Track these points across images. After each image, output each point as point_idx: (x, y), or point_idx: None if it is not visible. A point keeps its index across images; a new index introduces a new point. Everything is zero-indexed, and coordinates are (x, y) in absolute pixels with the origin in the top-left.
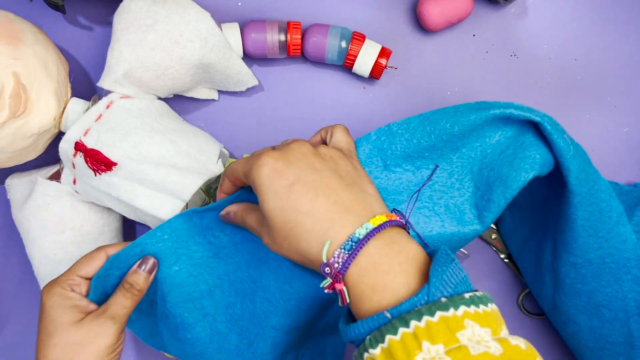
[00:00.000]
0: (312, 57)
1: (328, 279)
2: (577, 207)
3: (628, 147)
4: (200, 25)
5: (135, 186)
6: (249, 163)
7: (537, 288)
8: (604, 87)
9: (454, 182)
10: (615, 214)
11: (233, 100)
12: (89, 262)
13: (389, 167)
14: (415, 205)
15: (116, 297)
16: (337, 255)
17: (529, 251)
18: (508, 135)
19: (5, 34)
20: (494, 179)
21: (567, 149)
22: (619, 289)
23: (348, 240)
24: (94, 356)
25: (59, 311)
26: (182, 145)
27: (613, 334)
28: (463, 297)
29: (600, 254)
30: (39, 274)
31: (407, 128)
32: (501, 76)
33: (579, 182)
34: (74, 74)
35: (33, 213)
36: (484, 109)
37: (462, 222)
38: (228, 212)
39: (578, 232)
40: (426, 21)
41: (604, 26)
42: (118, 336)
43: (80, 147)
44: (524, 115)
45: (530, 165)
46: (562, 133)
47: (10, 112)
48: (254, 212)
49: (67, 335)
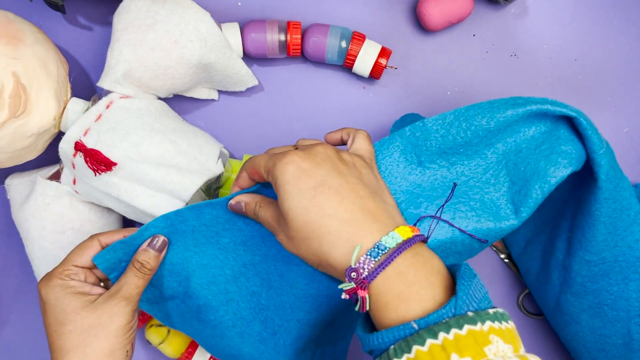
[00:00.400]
0: (312, 57)
1: (349, 283)
2: (603, 204)
3: (628, 147)
4: (200, 25)
5: (135, 186)
6: (273, 159)
7: (539, 288)
8: (604, 87)
9: (489, 177)
10: (634, 212)
11: (233, 100)
12: (83, 251)
13: (423, 164)
14: (451, 201)
15: (127, 276)
16: (362, 261)
17: (534, 251)
18: (542, 130)
19: (5, 34)
20: (531, 173)
21: (600, 145)
22: (625, 288)
23: (374, 247)
24: (112, 337)
25: (66, 300)
26: (182, 145)
27: (613, 335)
28: (488, 313)
29: (614, 252)
30: (38, 274)
31: (442, 124)
32: (501, 76)
33: (608, 179)
34: (73, 74)
35: (33, 213)
36: (519, 104)
37: (498, 217)
38: (238, 202)
39: (599, 229)
40: (426, 21)
41: (604, 26)
42: (132, 315)
43: (80, 147)
44: (560, 110)
45: (568, 160)
46: (596, 129)
47: (10, 112)
48: (270, 207)
49: (81, 320)
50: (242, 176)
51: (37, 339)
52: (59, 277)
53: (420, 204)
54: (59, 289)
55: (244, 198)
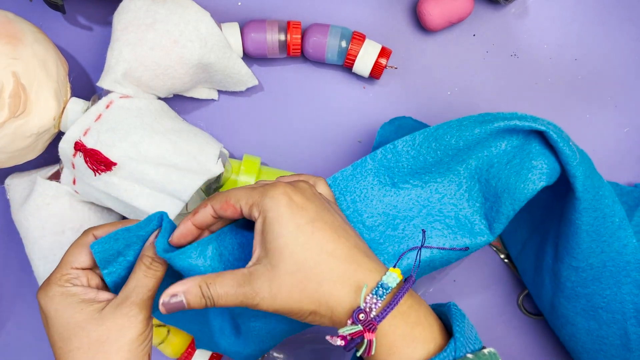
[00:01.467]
0: (312, 57)
1: (353, 326)
2: (582, 214)
3: (628, 147)
4: (200, 24)
5: (135, 186)
6: (259, 191)
7: (536, 290)
8: (604, 87)
9: (463, 192)
10: (618, 218)
11: (233, 100)
12: (79, 249)
13: (397, 185)
14: (427, 220)
15: (136, 278)
16: (369, 301)
17: (528, 253)
18: (514, 144)
19: (5, 34)
20: (502, 190)
21: (573, 157)
22: (618, 291)
23: (378, 286)
24: (124, 352)
25: (69, 312)
26: (181, 145)
27: (610, 336)
28: (484, 354)
29: (602, 258)
30: (38, 274)
31: (412, 145)
32: (501, 76)
33: (585, 189)
34: (73, 73)
35: (32, 213)
36: (488, 121)
37: (473, 233)
38: (175, 295)
39: (582, 237)
40: (426, 21)
41: (604, 26)
42: (146, 324)
43: (80, 147)
44: (528, 125)
45: (538, 177)
46: (567, 141)
47: (9, 112)
48: (226, 276)
49: (87, 335)
50: (204, 211)
51: (37, 339)
52: (58, 284)
53: (398, 225)
54: (60, 299)
55: (180, 287)
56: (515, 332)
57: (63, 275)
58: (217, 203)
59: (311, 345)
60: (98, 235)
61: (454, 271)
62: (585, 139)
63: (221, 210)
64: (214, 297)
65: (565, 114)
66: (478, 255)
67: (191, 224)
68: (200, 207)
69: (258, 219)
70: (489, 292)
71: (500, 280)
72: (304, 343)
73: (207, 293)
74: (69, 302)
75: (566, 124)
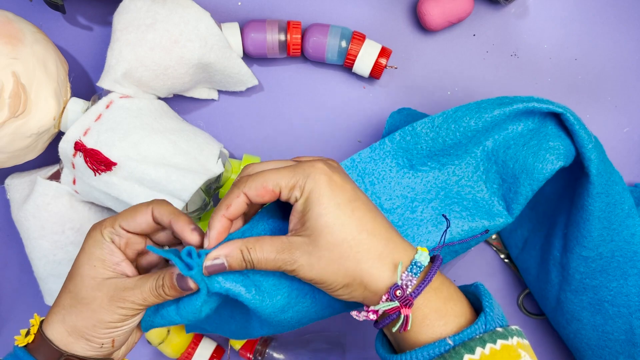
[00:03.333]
0: (312, 56)
1: (389, 303)
2: (596, 199)
3: (628, 147)
4: (200, 24)
5: (135, 186)
6: (300, 171)
7: (539, 287)
8: (604, 87)
9: (480, 175)
10: (627, 205)
11: (233, 100)
12: (133, 215)
13: (415, 167)
14: (445, 202)
15: (145, 287)
16: (405, 278)
17: (531, 250)
18: (530, 127)
19: (5, 34)
20: (520, 170)
21: (589, 140)
22: (624, 283)
23: (412, 264)
24: (92, 324)
25: (85, 258)
26: (181, 145)
27: (615, 331)
28: (512, 329)
29: (611, 247)
30: (38, 274)
31: (431, 127)
32: (501, 76)
33: (599, 173)
34: (73, 73)
35: (32, 213)
36: (506, 104)
37: (491, 214)
38: (216, 259)
39: (594, 224)
40: (426, 21)
41: (604, 26)
42: (125, 319)
43: (80, 147)
44: (546, 107)
45: (556, 156)
46: (583, 124)
47: (9, 112)
48: (266, 242)
49: (80, 289)
50: (237, 202)
51: None
52: (102, 232)
53: (416, 207)
54: (92, 242)
55: (222, 251)
56: None
57: (111, 227)
58: (252, 190)
59: (311, 346)
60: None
61: (454, 271)
62: None
63: (258, 197)
64: (254, 260)
65: None
66: (478, 255)
67: (226, 219)
68: (233, 198)
69: (300, 200)
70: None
71: (501, 280)
72: (305, 343)
73: (248, 257)
74: (92, 251)
75: None
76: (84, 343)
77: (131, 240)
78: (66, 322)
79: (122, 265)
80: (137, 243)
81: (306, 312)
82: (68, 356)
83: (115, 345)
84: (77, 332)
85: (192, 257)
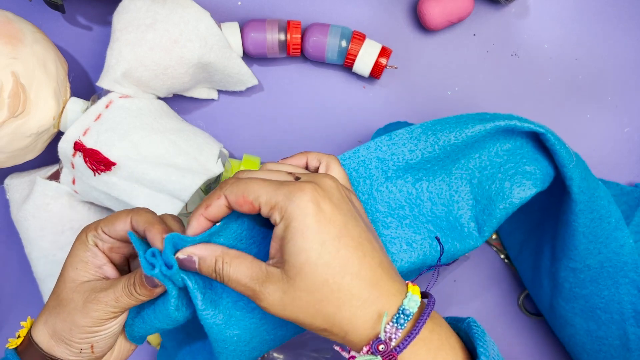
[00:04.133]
0: (312, 56)
1: (370, 356)
2: (579, 215)
3: (628, 147)
4: (200, 24)
5: (135, 186)
6: (284, 191)
7: (534, 291)
8: (605, 87)
9: (452, 194)
10: (614, 219)
11: (233, 100)
12: (113, 222)
13: (390, 179)
14: (420, 221)
15: (117, 287)
16: (389, 331)
17: (526, 255)
18: (506, 148)
19: (4, 34)
20: (496, 192)
21: (570, 159)
22: (616, 292)
23: (399, 312)
24: (69, 327)
25: (69, 260)
26: (181, 145)
27: (609, 336)
28: None
29: (599, 259)
30: (37, 274)
31: (410, 138)
32: (501, 76)
33: (581, 191)
34: (73, 73)
35: (32, 213)
36: (487, 120)
37: (462, 236)
38: (190, 256)
39: (579, 239)
40: (426, 20)
41: (605, 26)
42: (100, 322)
43: (80, 147)
44: (527, 126)
45: (532, 182)
46: (564, 143)
47: (9, 111)
48: (244, 262)
49: (61, 289)
50: (217, 204)
51: None
52: (88, 234)
53: (390, 224)
54: (77, 243)
55: (198, 251)
56: (515, 332)
57: (95, 230)
58: (233, 195)
59: (311, 346)
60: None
61: (454, 271)
62: (585, 139)
63: (237, 205)
64: (224, 276)
65: (565, 114)
66: (478, 256)
67: (204, 218)
68: (213, 199)
69: (279, 224)
70: (489, 292)
71: (501, 280)
72: (305, 343)
73: (220, 270)
74: (78, 252)
75: (566, 124)
76: (64, 347)
77: (115, 245)
78: (48, 325)
79: (104, 268)
80: (123, 247)
81: (255, 330)
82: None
83: (96, 351)
84: (57, 335)
85: (155, 258)
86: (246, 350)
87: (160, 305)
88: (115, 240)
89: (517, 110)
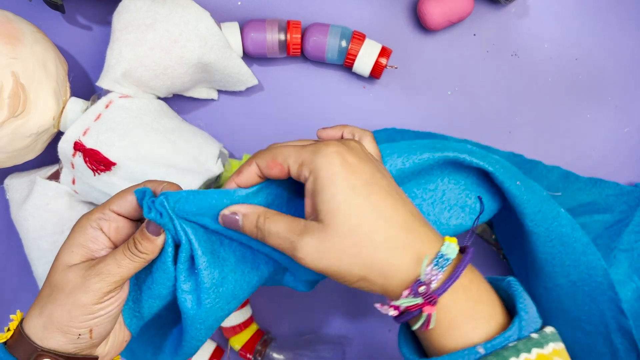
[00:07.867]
0: (312, 56)
1: (412, 299)
2: (537, 244)
3: (629, 147)
4: (200, 24)
5: None
6: (311, 149)
7: None
8: (605, 87)
9: None
10: (580, 244)
11: (233, 100)
12: (124, 195)
13: None
14: None
15: (117, 253)
16: (429, 273)
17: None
18: (452, 178)
19: (4, 34)
20: (434, 222)
21: (520, 195)
22: (596, 307)
23: (437, 257)
24: (68, 310)
25: (65, 245)
26: (181, 145)
27: (597, 345)
28: (547, 334)
29: (569, 279)
30: (37, 274)
31: None
32: (502, 76)
33: (535, 224)
34: (73, 73)
35: (32, 213)
36: (437, 149)
37: None
38: (234, 214)
39: (541, 263)
40: (427, 20)
41: (605, 26)
42: (102, 296)
43: (79, 147)
44: (476, 163)
45: (470, 216)
46: (514, 180)
47: (9, 111)
48: (282, 219)
49: (53, 274)
50: (249, 170)
51: None
52: (89, 220)
53: None
54: (76, 227)
55: (242, 209)
56: None
57: (100, 213)
58: (263, 161)
59: (311, 346)
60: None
61: None
62: (585, 139)
63: (267, 169)
64: (264, 232)
65: (565, 114)
66: (478, 255)
67: (235, 184)
68: (245, 166)
69: (309, 179)
70: None
71: None
72: (305, 343)
73: (262, 225)
74: (76, 236)
75: (566, 123)
76: (60, 336)
77: (120, 225)
78: (43, 314)
79: (103, 252)
80: (129, 227)
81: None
82: (42, 351)
83: (94, 336)
84: (52, 324)
85: (155, 205)
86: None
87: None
88: (122, 219)
89: (517, 110)
